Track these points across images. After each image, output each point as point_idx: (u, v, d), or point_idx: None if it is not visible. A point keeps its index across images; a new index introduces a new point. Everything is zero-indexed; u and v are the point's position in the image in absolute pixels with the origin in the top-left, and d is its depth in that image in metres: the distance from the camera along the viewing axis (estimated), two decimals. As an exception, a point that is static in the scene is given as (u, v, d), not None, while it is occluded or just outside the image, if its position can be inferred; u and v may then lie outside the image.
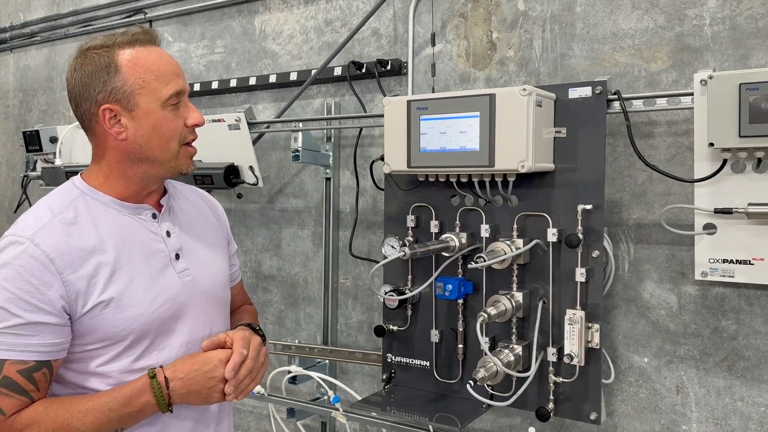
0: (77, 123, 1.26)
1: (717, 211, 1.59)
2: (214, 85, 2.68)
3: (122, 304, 1.16)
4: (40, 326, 1.10)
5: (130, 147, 1.20)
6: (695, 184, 1.63)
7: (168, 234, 1.28)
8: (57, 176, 2.78)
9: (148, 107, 1.19)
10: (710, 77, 1.54)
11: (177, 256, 1.27)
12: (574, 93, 1.70)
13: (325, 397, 2.31)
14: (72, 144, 2.88)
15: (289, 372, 2.31)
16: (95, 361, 1.17)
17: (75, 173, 1.28)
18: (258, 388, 2.31)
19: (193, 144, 1.28)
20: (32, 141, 2.99)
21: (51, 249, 1.12)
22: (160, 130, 1.20)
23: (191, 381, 1.17)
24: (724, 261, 1.62)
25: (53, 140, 2.93)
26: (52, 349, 1.12)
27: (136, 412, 1.15)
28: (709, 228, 1.64)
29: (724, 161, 1.57)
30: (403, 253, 1.67)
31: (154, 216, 1.27)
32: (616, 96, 1.69)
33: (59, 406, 1.12)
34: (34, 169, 3.12)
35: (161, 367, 1.19)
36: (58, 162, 2.84)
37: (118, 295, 1.16)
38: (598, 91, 1.67)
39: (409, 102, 1.75)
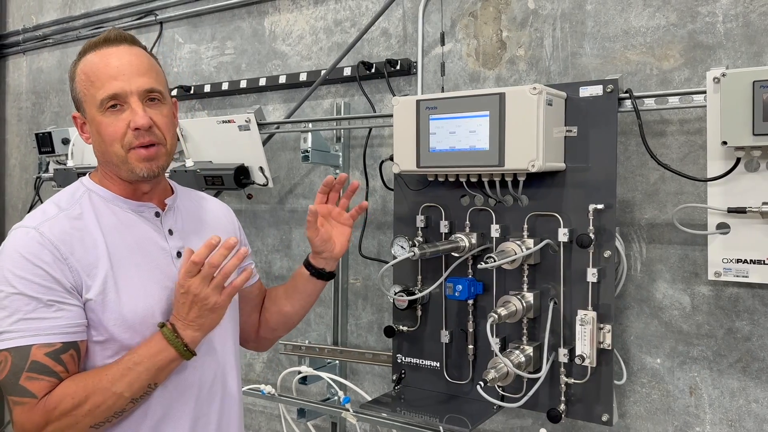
0: None
1: (730, 211, 1.57)
2: (225, 86, 2.69)
3: (121, 299, 1.18)
4: (59, 306, 1.12)
5: (95, 151, 1.26)
6: (708, 183, 1.61)
7: (170, 232, 1.29)
8: (69, 177, 2.79)
9: (91, 113, 1.22)
10: (723, 75, 1.52)
11: (179, 254, 1.28)
12: (585, 92, 1.69)
13: (336, 398, 2.31)
14: (84, 146, 2.89)
15: (300, 372, 2.31)
16: (99, 355, 1.18)
17: (83, 176, 1.31)
18: (269, 388, 2.31)
19: (149, 146, 1.22)
20: (44, 143, 3.01)
21: (55, 237, 1.15)
22: (102, 135, 1.21)
23: (186, 312, 1.16)
24: (738, 261, 1.60)
25: (65, 142, 2.95)
26: (76, 330, 1.14)
27: (162, 362, 1.15)
28: (723, 227, 1.62)
29: (738, 160, 1.55)
30: (412, 253, 1.67)
31: (157, 214, 1.29)
32: (627, 94, 1.67)
33: (86, 376, 1.14)
34: (46, 171, 3.14)
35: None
36: (70, 163, 2.86)
37: (117, 289, 1.18)
38: (609, 90, 1.66)
39: (418, 102, 1.75)
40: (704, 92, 1.59)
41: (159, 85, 1.24)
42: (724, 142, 1.52)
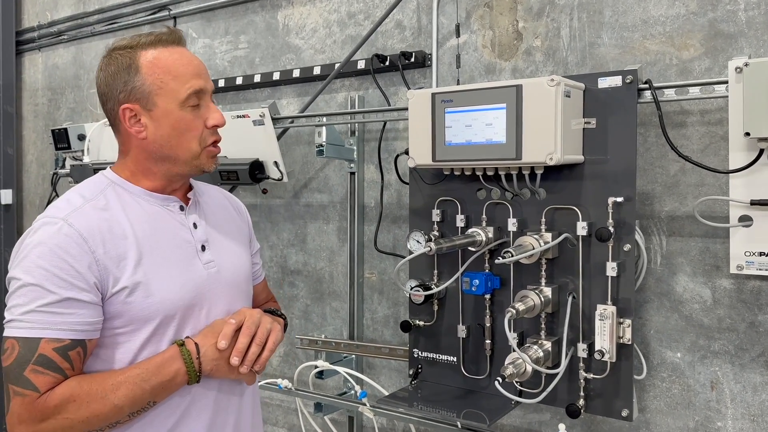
0: (105, 120, 1.30)
1: (753, 203, 1.55)
2: (239, 81, 2.68)
3: (150, 289, 1.18)
4: (74, 303, 1.12)
5: (151, 146, 1.24)
6: (730, 175, 1.58)
7: (195, 226, 1.31)
8: (85, 173, 2.81)
9: (167, 107, 1.21)
10: (746, 64, 1.49)
11: (203, 248, 1.29)
12: (604, 82, 1.66)
13: (352, 392, 2.31)
14: (100, 141, 2.91)
15: (316, 367, 2.31)
16: (122, 347, 1.18)
17: (103, 170, 1.31)
18: (285, 383, 2.32)
19: (218, 143, 1.29)
20: (61, 139, 3.03)
21: (83, 229, 1.15)
22: (179, 130, 1.22)
23: (214, 351, 1.20)
24: (761, 254, 1.57)
25: (81, 138, 2.96)
26: (86, 328, 1.13)
27: (167, 382, 1.16)
28: (745, 220, 1.59)
29: (761, 151, 1.52)
30: (428, 248, 1.65)
31: (181, 208, 1.30)
32: (647, 85, 1.64)
33: (92, 381, 1.13)
34: (63, 167, 3.16)
35: (188, 337, 1.21)
36: (86, 159, 2.88)
37: (146, 280, 1.18)
38: (628, 80, 1.63)
39: (433, 95, 1.73)
40: (726, 82, 1.56)
41: None
42: (747, 133, 1.49)
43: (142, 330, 1.18)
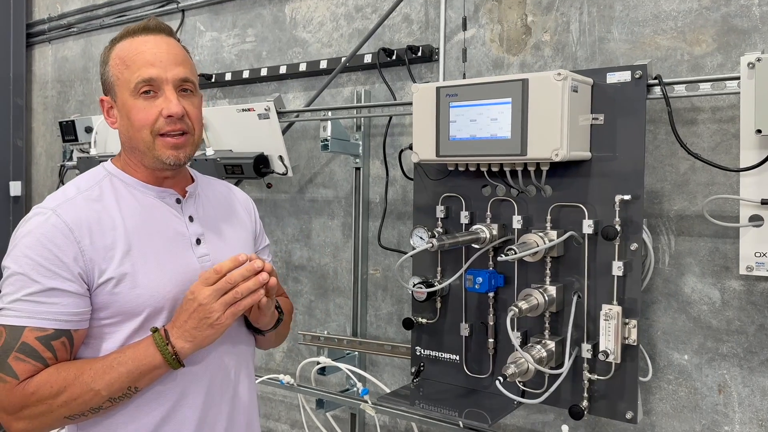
0: None
1: (764, 202, 1.51)
2: (245, 75, 2.67)
3: (137, 281, 1.17)
4: (58, 293, 1.12)
5: (121, 137, 1.26)
6: (741, 173, 1.55)
7: (191, 219, 1.29)
8: (92, 166, 2.76)
9: (123, 97, 1.22)
10: (758, 60, 1.45)
11: (198, 241, 1.28)
12: (613, 78, 1.62)
13: (354, 389, 2.29)
14: (106, 134, 2.90)
15: (318, 363, 2.29)
16: (110, 338, 1.17)
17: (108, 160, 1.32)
18: (288, 378, 2.31)
19: (179, 135, 1.22)
20: (68, 131, 3.03)
21: (71, 219, 1.15)
22: (131, 119, 1.21)
23: (185, 319, 1.14)
24: (772, 255, 1.54)
25: (88, 130, 2.96)
26: (71, 319, 1.13)
27: (143, 366, 1.13)
28: (756, 220, 1.55)
29: (773, 149, 1.49)
30: (431, 244, 1.63)
31: (178, 201, 1.29)
32: (656, 81, 1.61)
33: (70, 365, 1.13)
34: (70, 159, 3.17)
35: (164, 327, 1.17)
36: (93, 152, 2.87)
37: (133, 271, 1.17)
38: (637, 76, 1.59)
39: (438, 89, 1.70)
40: (738, 78, 1.53)
41: (193, 76, 1.25)
42: (759, 131, 1.45)
43: (130, 322, 1.17)
